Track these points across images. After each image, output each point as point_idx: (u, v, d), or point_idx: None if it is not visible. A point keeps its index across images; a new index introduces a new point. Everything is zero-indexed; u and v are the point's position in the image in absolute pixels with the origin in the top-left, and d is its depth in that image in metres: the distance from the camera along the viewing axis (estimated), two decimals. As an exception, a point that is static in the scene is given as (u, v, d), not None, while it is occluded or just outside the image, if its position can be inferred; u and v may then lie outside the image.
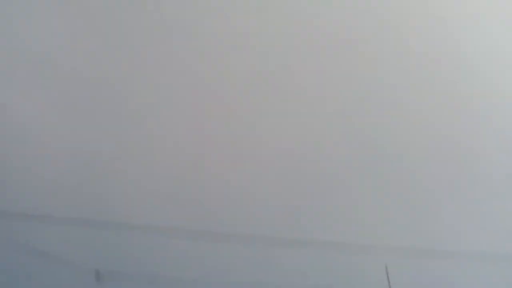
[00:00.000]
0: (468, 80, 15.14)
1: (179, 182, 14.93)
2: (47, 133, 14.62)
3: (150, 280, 14.42)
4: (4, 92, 14.44)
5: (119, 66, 14.98)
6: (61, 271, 14.23)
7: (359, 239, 14.79)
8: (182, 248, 14.66)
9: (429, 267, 14.92)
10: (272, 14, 15.02)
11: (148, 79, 15.00)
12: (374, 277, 14.54)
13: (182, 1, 14.88)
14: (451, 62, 15.16)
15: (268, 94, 14.95)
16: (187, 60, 14.98)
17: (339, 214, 15.00)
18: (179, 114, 15.22)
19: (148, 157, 14.97)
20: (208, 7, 14.95)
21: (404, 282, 14.64)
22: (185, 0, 14.87)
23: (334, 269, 14.75)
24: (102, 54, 14.85)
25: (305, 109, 15.12)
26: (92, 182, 14.74)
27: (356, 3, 15.18)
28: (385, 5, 15.13)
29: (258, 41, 15.06)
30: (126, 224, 14.61)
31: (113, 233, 14.54)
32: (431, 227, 15.13)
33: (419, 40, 15.20)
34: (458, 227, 15.16)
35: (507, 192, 14.95)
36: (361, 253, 14.74)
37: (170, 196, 14.88)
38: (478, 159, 15.09)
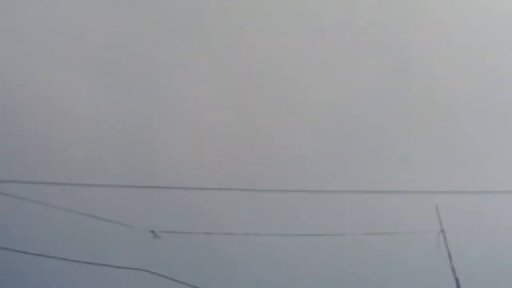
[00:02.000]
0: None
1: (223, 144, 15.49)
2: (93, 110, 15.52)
3: (203, 238, 14.79)
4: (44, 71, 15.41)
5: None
6: (119, 233, 14.78)
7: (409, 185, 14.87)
8: (231, 206, 15.05)
9: (479, 208, 14.81)
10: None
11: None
12: (425, 219, 14.52)
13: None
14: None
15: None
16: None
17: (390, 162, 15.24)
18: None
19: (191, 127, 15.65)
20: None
21: (455, 223, 14.55)
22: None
23: (385, 214, 14.82)
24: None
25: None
26: (143, 150, 15.48)
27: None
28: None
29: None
30: (176, 187, 15.13)
31: (165, 196, 15.08)
32: (478, 170, 15.13)
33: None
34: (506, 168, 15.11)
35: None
36: (411, 197, 14.77)
37: (214, 159, 15.43)
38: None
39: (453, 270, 14.28)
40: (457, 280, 14.25)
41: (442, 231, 14.51)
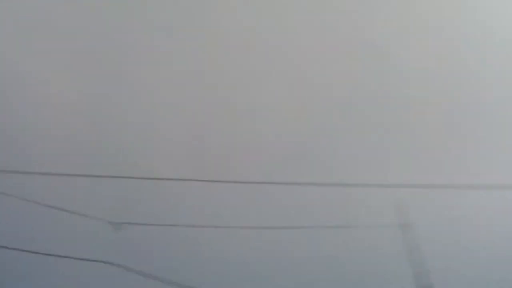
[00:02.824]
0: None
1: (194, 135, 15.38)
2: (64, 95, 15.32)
3: (163, 229, 14.67)
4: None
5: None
6: (78, 224, 14.62)
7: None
8: (193, 197, 14.95)
9: (445, 202, 14.82)
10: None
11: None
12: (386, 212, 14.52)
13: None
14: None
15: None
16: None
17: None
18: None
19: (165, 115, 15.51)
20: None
21: (420, 217, 14.57)
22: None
23: (348, 206, 14.80)
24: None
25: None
26: (107, 138, 15.28)
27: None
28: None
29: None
30: (138, 177, 14.98)
31: (126, 187, 14.92)
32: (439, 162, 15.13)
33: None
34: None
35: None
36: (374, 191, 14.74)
37: (183, 149, 15.29)
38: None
39: (417, 264, 14.31)
40: (421, 275, 14.29)
41: (406, 225, 14.53)
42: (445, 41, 15.73)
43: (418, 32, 15.70)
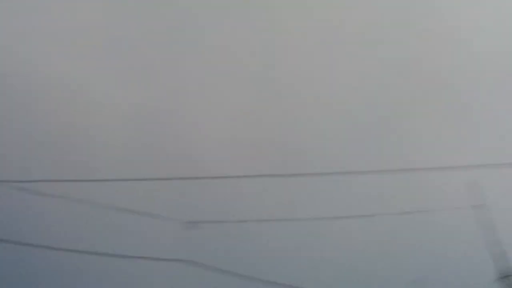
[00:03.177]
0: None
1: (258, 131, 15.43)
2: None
3: (236, 226, 14.69)
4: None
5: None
6: (153, 225, 14.68)
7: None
8: (263, 193, 14.96)
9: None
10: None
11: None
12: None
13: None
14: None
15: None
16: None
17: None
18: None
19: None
20: None
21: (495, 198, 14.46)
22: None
23: (422, 192, 14.75)
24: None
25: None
26: (174, 141, 15.39)
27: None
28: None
29: None
30: (207, 177, 15.01)
31: (197, 187, 14.98)
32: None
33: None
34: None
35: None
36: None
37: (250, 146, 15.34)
38: None
39: (494, 245, 14.17)
40: (498, 256, 14.16)
41: (481, 206, 14.41)
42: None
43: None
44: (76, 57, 15.71)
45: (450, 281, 14.59)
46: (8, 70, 15.17)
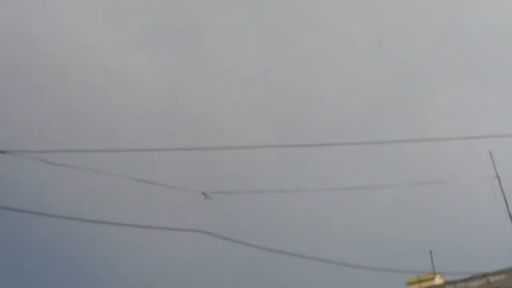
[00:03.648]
0: None
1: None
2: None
3: (254, 196, 14.81)
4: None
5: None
6: (171, 196, 15.01)
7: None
8: (281, 163, 15.00)
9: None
10: None
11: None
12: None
13: None
14: None
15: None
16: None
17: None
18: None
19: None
20: None
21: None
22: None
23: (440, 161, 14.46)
24: None
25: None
26: (191, 114, 15.63)
27: None
28: None
29: None
30: (226, 147, 15.17)
31: (214, 157, 15.18)
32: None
33: None
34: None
35: None
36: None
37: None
38: None
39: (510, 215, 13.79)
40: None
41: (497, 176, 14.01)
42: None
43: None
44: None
45: (468, 250, 14.33)
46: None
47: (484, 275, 13.33)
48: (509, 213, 13.74)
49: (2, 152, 13.24)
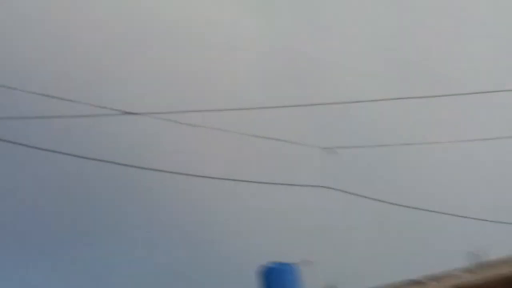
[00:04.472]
0: None
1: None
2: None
3: (376, 150, 14.52)
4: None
5: None
6: (293, 152, 14.94)
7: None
8: (405, 117, 14.62)
9: None
10: None
11: None
12: None
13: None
14: None
15: None
16: None
17: None
18: None
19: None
20: None
21: None
22: None
23: None
24: None
25: None
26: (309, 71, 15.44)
27: None
28: None
29: None
30: (348, 101, 14.90)
31: (336, 112, 14.94)
32: None
33: None
34: None
35: None
36: None
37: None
38: None
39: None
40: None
41: None
42: None
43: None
44: None
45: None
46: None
47: None
48: None
49: (129, 113, 13.48)
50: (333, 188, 14.66)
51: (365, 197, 14.54)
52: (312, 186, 14.79)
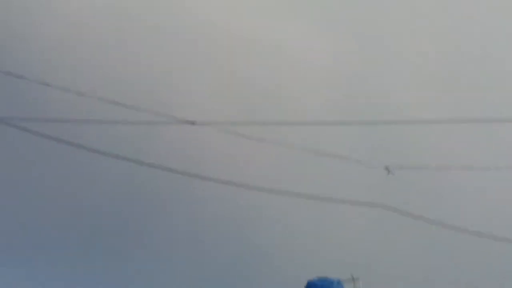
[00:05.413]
0: None
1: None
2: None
3: (435, 172, 14.36)
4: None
5: None
6: (353, 170, 14.88)
7: None
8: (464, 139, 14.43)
9: None
10: None
11: None
12: None
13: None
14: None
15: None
16: None
17: None
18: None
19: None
20: None
21: None
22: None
23: None
24: None
25: None
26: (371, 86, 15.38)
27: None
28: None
29: None
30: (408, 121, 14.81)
31: (397, 132, 14.86)
32: None
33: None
34: None
35: None
36: None
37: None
38: None
39: None
40: None
41: None
42: None
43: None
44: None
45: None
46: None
47: None
48: None
49: (192, 123, 13.64)
50: (390, 208, 14.54)
51: (424, 217, 14.38)
52: (368, 205, 14.70)
